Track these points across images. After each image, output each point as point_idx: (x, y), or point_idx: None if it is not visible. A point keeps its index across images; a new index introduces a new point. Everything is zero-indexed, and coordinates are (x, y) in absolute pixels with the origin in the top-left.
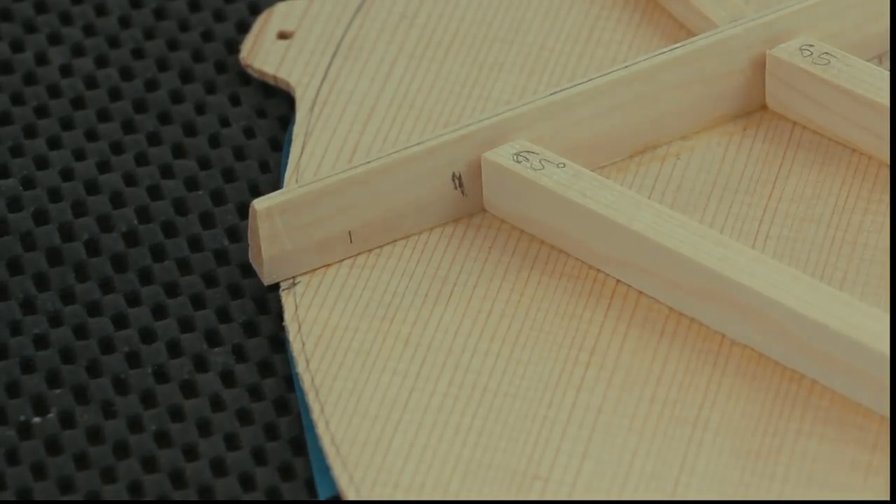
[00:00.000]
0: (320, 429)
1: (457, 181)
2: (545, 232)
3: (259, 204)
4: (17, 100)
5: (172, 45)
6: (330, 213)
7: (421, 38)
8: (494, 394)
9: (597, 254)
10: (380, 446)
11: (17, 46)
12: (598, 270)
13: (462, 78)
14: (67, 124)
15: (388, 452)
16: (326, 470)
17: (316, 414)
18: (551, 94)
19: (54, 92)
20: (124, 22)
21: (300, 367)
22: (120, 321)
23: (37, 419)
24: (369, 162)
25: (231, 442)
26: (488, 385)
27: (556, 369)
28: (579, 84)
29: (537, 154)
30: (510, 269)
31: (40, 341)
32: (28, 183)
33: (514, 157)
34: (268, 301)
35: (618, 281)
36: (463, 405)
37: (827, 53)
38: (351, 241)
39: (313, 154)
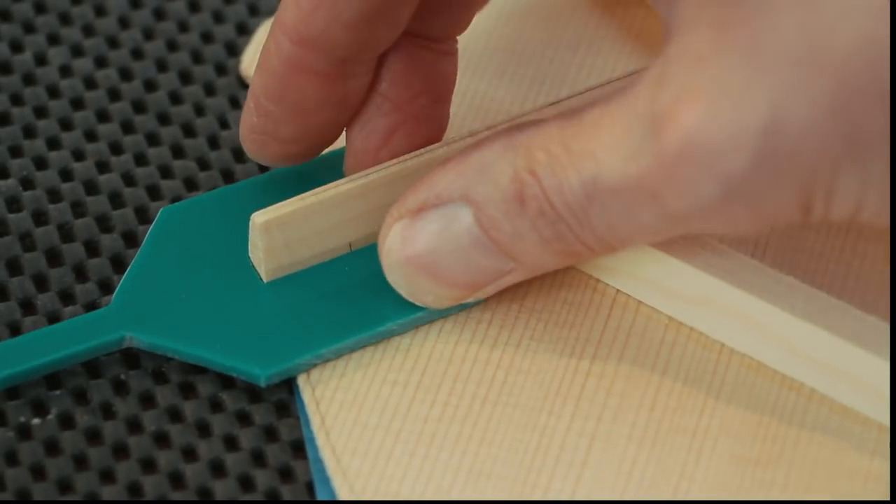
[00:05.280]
0: (321, 440)
1: None
2: None
3: (258, 217)
4: (16, 100)
5: (172, 46)
6: (330, 226)
7: None
8: (494, 403)
9: (596, 264)
10: (380, 456)
11: (16, 47)
12: (598, 280)
13: (463, 89)
14: (66, 125)
15: (389, 462)
16: (327, 480)
17: (317, 425)
18: (550, 105)
19: (53, 92)
20: (123, 22)
21: (301, 380)
22: None
23: (36, 420)
24: (369, 174)
25: (230, 444)
26: (488, 395)
27: (556, 379)
28: (576, 95)
29: None
30: None
31: None
32: (27, 183)
33: None
34: None
35: (617, 290)
36: (463, 415)
37: None
38: None
39: None
